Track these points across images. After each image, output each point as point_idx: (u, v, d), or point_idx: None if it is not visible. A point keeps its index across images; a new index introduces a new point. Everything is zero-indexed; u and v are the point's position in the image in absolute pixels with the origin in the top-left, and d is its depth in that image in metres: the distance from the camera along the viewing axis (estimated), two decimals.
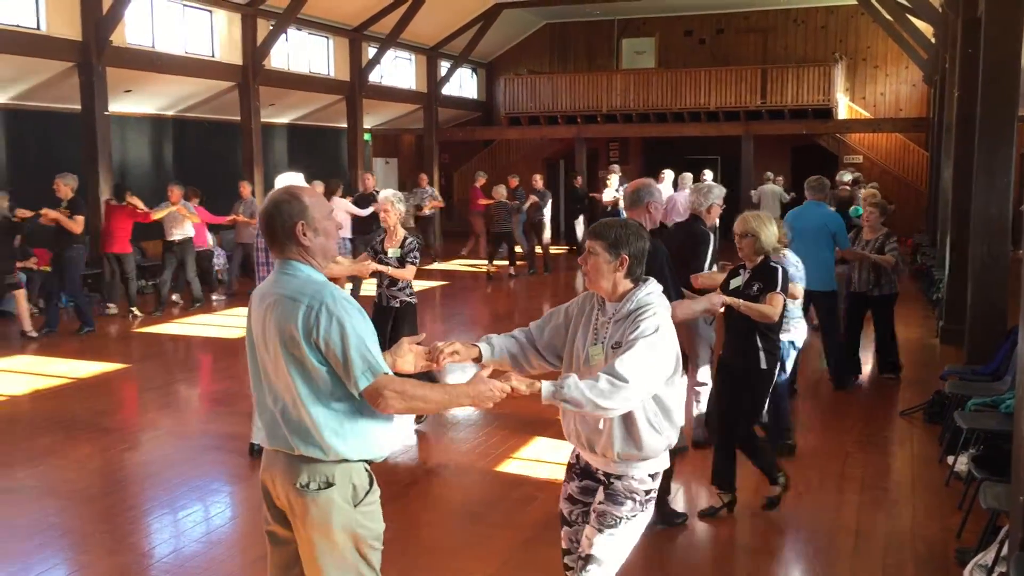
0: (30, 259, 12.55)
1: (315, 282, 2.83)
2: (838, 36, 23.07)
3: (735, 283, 5.16)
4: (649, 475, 3.22)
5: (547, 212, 17.31)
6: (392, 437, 3.00)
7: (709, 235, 6.22)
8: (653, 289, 3.20)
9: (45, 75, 13.27)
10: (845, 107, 22.42)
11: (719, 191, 6.32)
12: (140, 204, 12.09)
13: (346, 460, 2.81)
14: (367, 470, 2.89)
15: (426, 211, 17.57)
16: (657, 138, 23.25)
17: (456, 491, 5.85)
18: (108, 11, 13.03)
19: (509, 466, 6.21)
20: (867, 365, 8.83)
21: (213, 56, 16.03)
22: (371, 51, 20.37)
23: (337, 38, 19.53)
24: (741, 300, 4.96)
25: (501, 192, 16.23)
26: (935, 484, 5.81)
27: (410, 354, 3.11)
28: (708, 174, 16.57)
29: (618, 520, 3.19)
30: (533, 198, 16.94)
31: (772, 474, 5.27)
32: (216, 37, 16.11)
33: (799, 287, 6.09)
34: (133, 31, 14.26)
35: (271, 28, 16.64)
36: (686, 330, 5.83)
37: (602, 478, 3.27)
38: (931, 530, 5.11)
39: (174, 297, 13.15)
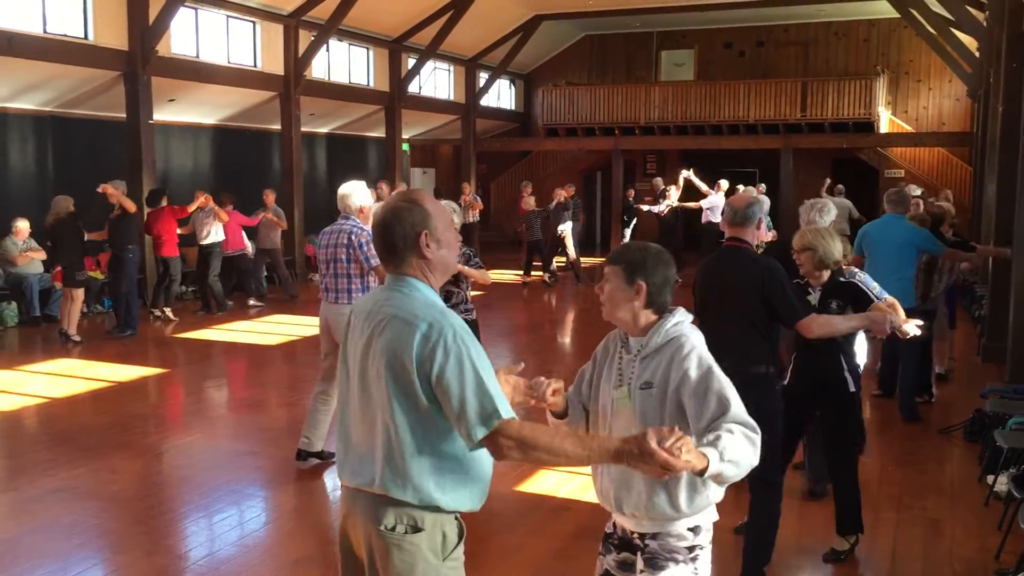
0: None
1: (435, 307, 2.48)
2: (880, 49, 22.85)
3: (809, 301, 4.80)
4: (688, 529, 2.80)
5: (568, 223, 16.76)
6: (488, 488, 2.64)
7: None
8: (681, 319, 2.81)
9: (92, 84, 13.54)
10: (887, 121, 22.19)
11: (766, 204, 6.17)
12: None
13: (439, 509, 2.50)
14: (459, 520, 2.59)
15: (468, 217, 17.52)
16: (695, 150, 23.16)
17: (489, 500, 5.84)
18: (154, 22, 13.27)
19: (541, 476, 6.21)
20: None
21: (255, 66, 16.25)
22: (410, 62, 20.53)
23: (377, 49, 19.71)
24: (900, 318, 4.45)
25: (530, 202, 16.55)
26: (974, 504, 5.71)
27: (507, 385, 2.77)
28: (761, 187, 16.47)
29: None
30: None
31: (856, 522, 4.84)
32: (259, 47, 16.34)
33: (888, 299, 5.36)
34: (178, 41, 14.50)
35: (312, 39, 16.84)
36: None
37: (638, 543, 2.86)
38: (969, 550, 5.03)
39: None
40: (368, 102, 19.60)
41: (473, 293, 6.77)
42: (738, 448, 2.51)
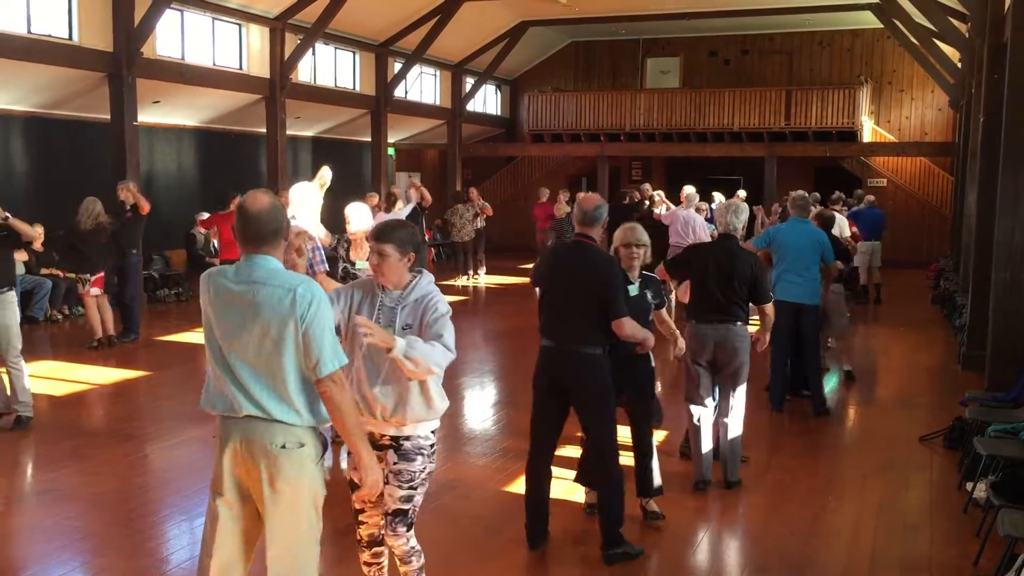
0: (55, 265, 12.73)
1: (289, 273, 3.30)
2: (863, 59, 23.03)
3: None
4: (431, 431, 3.81)
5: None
6: None
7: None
8: (430, 278, 3.82)
9: (76, 85, 13.47)
10: (870, 130, 22.36)
11: (744, 211, 6.35)
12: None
13: (311, 426, 3.23)
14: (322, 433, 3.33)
15: (477, 223, 17.26)
16: (680, 157, 23.26)
17: (472, 505, 5.85)
18: (139, 23, 13.22)
19: (524, 481, 6.21)
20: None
21: (241, 69, 16.22)
22: (397, 66, 20.53)
23: (363, 53, 19.71)
24: None
25: (564, 208, 15.84)
26: (953, 511, 5.76)
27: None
28: (742, 193, 16.52)
29: (414, 474, 3.75)
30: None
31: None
32: (245, 50, 16.31)
33: None
34: (163, 43, 14.45)
35: (299, 42, 16.82)
36: None
37: (389, 443, 3.77)
38: (948, 556, 5.07)
39: None
40: (354, 106, 19.59)
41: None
42: (427, 351, 3.52)
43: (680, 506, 5.70)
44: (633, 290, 5.26)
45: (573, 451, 5.96)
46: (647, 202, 16.57)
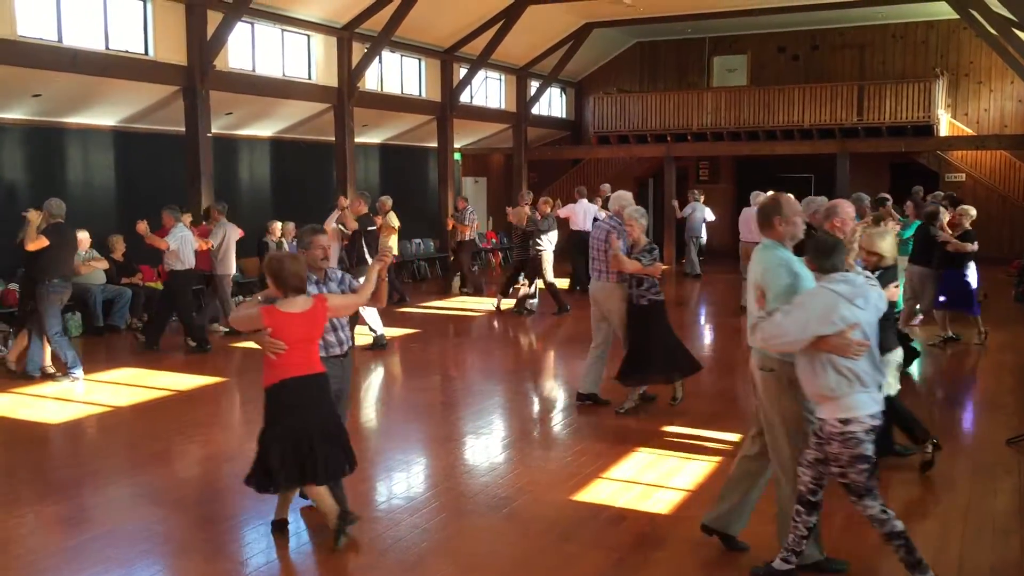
0: (135, 275, 13.07)
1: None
2: (939, 51, 22.40)
3: None
4: None
5: (548, 242, 14.16)
6: None
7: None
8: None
9: (152, 98, 13.83)
10: (947, 124, 21.73)
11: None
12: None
13: None
14: None
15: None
16: (749, 156, 22.92)
17: (544, 508, 5.82)
18: (212, 37, 13.53)
19: (597, 485, 6.18)
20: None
21: (310, 79, 16.47)
22: (462, 71, 20.64)
23: (429, 59, 19.86)
24: None
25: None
26: None
27: None
28: (821, 199, 16.22)
29: None
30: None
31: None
32: (313, 60, 16.55)
33: None
34: (235, 55, 14.75)
35: (366, 51, 17.02)
36: None
37: None
38: None
39: None
40: (420, 112, 19.74)
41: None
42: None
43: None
44: None
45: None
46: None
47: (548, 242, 14.13)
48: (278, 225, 15.36)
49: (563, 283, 16.33)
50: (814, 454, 4.47)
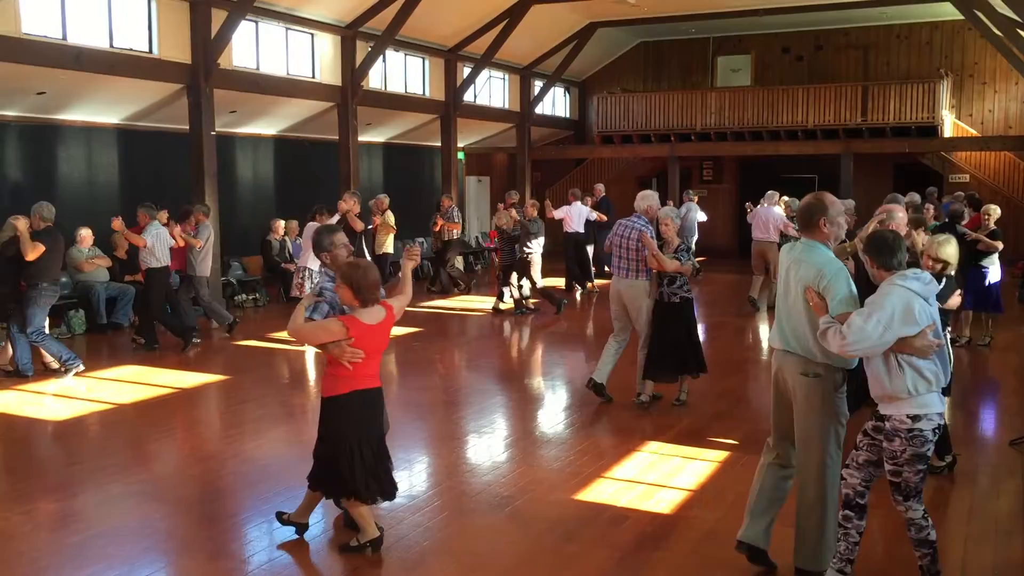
0: (138, 272, 13.07)
1: (832, 261, 4.34)
2: (943, 52, 22.38)
3: None
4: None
5: (536, 246, 14.13)
6: None
7: None
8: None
9: (156, 96, 13.84)
10: (951, 124, 21.70)
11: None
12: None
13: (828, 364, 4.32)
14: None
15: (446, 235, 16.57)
16: (752, 157, 22.90)
17: (548, 509, 5.82)
18: (216, 35, 13.53)
19: (599, 485, 6.18)
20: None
21: (314, 77, 16.47)
22: (466, 70, 20.63)
23: (433, 58, 19.85)
24: None
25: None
26: None
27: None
28: (849, 202, 16.25)
29: None
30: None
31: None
32: (317, 58, 16.56)
33: None
34: (239, 54, 14.75)
35: (370, 49, 17.02)
36: None
37: None
38: None
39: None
40: (424, 111, 19.74)
41: None
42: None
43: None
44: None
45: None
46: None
47: (537, 244, 14.16)
48: (281, 223, 15.40)
49: (557, 282, 16.47)
50: (865, 455, 4.39)
